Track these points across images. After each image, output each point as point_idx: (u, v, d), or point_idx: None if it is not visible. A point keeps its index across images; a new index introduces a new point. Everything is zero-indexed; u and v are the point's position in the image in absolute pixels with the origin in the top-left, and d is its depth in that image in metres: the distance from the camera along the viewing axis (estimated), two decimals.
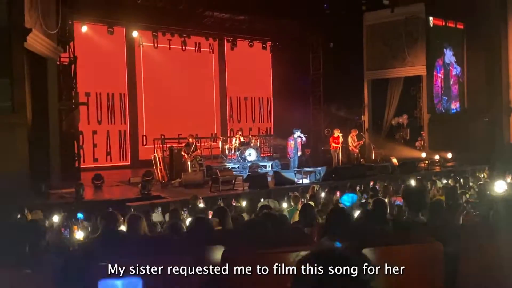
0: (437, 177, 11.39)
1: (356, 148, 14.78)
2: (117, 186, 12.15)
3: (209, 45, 18.12)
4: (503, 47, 18.44)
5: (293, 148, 13.89)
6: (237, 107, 19.34)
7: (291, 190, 10.03)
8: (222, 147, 15.37)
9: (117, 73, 16.12)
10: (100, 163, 15.51)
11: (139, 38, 16.16)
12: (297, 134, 13.96)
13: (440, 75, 16.97)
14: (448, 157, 15.25)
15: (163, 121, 16.39)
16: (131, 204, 9.04)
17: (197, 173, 12.22)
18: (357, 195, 7.01)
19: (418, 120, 16.88)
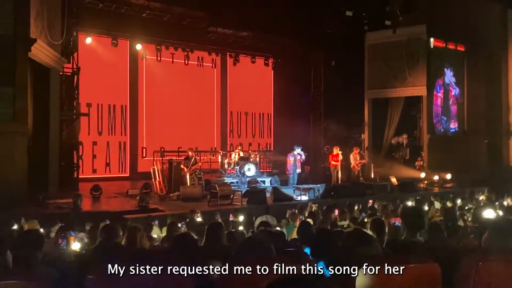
0: (436, 198, 11.36)
1: (357, 166, 14.79)
2: (115, 198, 12.09)
3: (212, 60, 18.29)
4: (504, 70, 18.60)
5: (292, 164, 13.92)
6: (237, 122, 19.41)
7: (290, 207, 9.99)
8: (221, 161, 15.38)
9: (119, 85, 16.22)
10: (99, 174, 15.50)
11: (142, 51, 16.31)
12: (297, 151, 14.01)
13: (440, 95, 17.07)
14: (447, 178, 15.24)
15: (163, 134, 16.43)
16: (129, 216, 8.99)
17: (195, 187, 12.19)
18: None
19: (418, 140, 16.92)
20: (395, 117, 17.06)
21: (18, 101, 9.61)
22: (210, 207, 10.48)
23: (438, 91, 16.99)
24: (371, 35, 16.94)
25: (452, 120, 17.69)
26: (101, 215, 8.70)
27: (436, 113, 16.91)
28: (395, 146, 17.25)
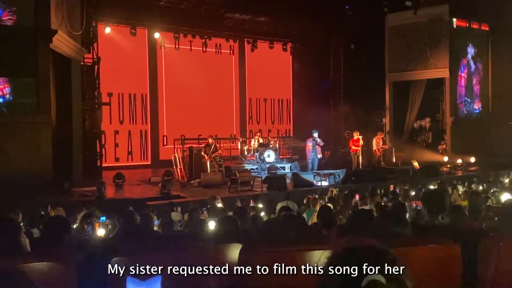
0: (459, 182, 11.17)
1: (379, 151, 14.64)
2: (137, 185, 12.32)
3: (230, 47, 18.24)
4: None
5: (311, 150, 13.78)
6: (256, 108, 19.39)
7: (310, 193, 9.99)
8: (241, 148, 15.44)
9: (139, 74, 16.38)
10: (121, 162, 15.77)
11: (161, 39, 16.39)
12: (315, 135, 13.87)
13: (464, 75, 16.67)
14: (471, 161, 14.96)
15: (183, 122, 16.56)
16: (151, 203, 9.16)
17: (216, 174, 12.31)
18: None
19: (441, 123, 16.61)
20: (417, 100, 16.76)
21: (41, 92, 9.83)
22: (231, 193, 10.57)
23: (462, 71, 16.58)
24: (391, 17, 16.59)
25: (476, 101, 17.27)
26: (125, 202, 8.91)
27: (460, 94, 16.54)
28: (417, 130, 16.98)
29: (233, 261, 2.24)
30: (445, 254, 2.09)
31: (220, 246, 2.41)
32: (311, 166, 13.68)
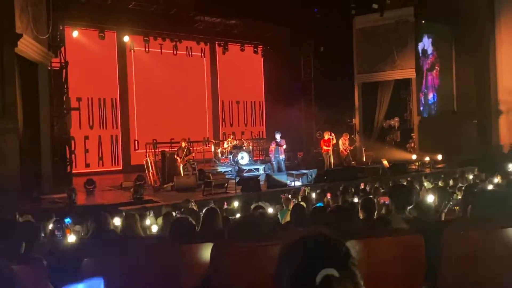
0: (427, 179, 11.51)
1: (345, 151, 14.91)
2: (109, 191, 12.14)
3: (201, 49, 18.21)
4: (491, 50, 18.72)
5: (274, 151, 13.93)
6: (229, 111, 19.42)
7: (283, 193, 10.09)
8: (214, 150, 15.42)
9: (109, 78, 16.15)
10: (92, 168, 15.49)
11: (130, 42, 16.20)
12: (277, 136, 14.00)
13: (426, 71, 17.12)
14: (438, 158, 15.42)
15: (155, 126, 16.41)
16: (123, 208, 9.05)
17: (189, 177, 12.26)
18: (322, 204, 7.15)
19: (409, 122, 17.06)
20: (385, 100, 17.17)
21: (6, 98, 9.56)
22: (205, 196, 10.56)
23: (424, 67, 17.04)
24: (359, 19, 16.95)
25: (433, 93, 17.70)
26: (96, 208, 8.77)
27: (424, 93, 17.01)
28: (386, 129, 17.39)
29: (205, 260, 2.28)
30: (409, 244, 2.19)
31: (191, 246, 2.44)
32: (276, 168, 13.77)
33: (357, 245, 2.02)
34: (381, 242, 2.12)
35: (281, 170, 13.58)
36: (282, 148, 14.00)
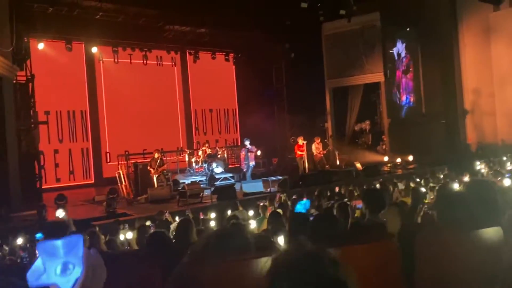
0: (399, 180, 11.72)
1: (320, 155, 15.06)
2: (81, 206, 11.85)
3: (171, 58, 18.08)
4: (455, 52, 19.32)
5: (245, 158, 13.87)
6: (202, 119, 19.32)
7: (259, 200, 10.08)
8: (188, 160, 15.29)
9: (77, 90, 15.82)
10: (63, 183, 15.10)
11: (98, 53, 15.94)
12: (247, 143, 13.96)
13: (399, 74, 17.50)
14: (409, 159, 15.75)
15: (127, 137, 16.15)
16: (96, 223, 8.84)
17: (163, 188, 12.10)
18: (309, 200, 7.16)
19: (379, 125, 17.38)
20: (356, 104, 17.45)
21: None
22: (180, 207, 10.43)
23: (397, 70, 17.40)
24: (327, 25, 17.20)
25: (411, 95, 18.12)
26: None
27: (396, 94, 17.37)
28: (358, 133, 17.66)
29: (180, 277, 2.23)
30: (383, 250, 2.21)
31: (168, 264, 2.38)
32: (248, 174, 13.72)
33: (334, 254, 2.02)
34: (357, 250, 2.13)
35: (249, 177, 13.50)
36: (253, 154, 13.96)
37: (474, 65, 19.02)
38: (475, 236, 2.23)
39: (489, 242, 2.22)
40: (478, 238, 2.24)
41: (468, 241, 2.25)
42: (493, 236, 2.24)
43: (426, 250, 2.23)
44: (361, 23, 16.46)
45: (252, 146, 14.00)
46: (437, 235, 2.24)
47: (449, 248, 2.19)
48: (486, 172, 11.18)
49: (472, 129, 19.21)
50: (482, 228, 2.28)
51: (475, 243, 2.20)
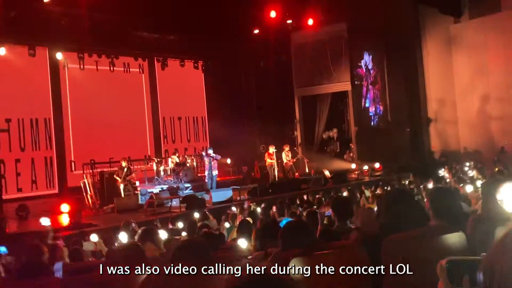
0: (366, 187, 11.94)
1: (290, 163, 15.17)
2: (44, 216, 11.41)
3: (139, 65, 17.82)
4: (419, 62, 19.96)
5: (208, 167, 13.62)
6: (171, 127, 19.09)
7: (229, 208, 10.03)
8: (157, 169, 15.06)
9: (41, 97, 15.33)
10: (24, 193, 14.53)
11: (63, 59, 15.53)
12: (210, 151, 13.72)
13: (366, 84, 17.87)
14: (376, 166, 16.08)
15: (92, 145, 15.74)
16: (60, 234, 8.55)
17: (130, 198, 11.87)
18: (289, 219, 7.16)
19: (347, 133, 17.69)
20: (324, 112, 17.72)
21: None
22: (148, 216, 10.24)
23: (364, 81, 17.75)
24: (296, 35, 17.44)
25: (378, 104, 18.47)
26: (29, 235, 8.22)
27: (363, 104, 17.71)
28: (326, 140, 17.92)
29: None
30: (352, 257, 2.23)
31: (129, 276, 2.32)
32: (209, 183, 13.49)
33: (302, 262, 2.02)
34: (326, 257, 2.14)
35: (213, 186, 13.30)
36: (216, 163, 13.72)
37: (437, 75, 19.71)
38: (439, 242, 2.28)
39: (453, 248, 2.28)
40: (442, 244, 2.29)
41: (432, 247, 2.29)
42: (456, 242, 2.30)
43: (392, 256, 2.26)
44: (329, 33, 16.77)
45: (216, 154, 13.81)
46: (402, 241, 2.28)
47: (414, 254, 2.23)
48: (449, 178, 11.55)
49: (436, 137, 19.84)
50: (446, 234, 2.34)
51: (439, 249, 2.24)
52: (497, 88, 17.70)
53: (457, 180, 10.70)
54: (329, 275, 2.06)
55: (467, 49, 18.46)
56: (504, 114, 17.64)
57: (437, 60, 19.67)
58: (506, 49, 17.28)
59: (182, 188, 13.61)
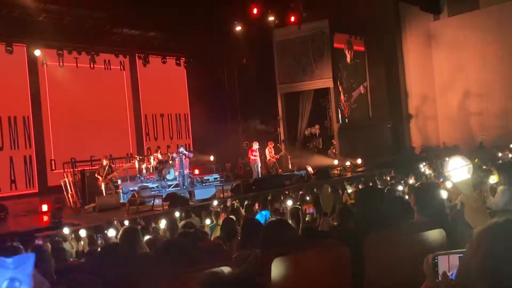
0: (348, 182, 12.03)
1: (273, 159, 15.19)
2: (24, 216, 11.23)
3: (120, 62, 17.59)
4: (399, 59, 20.21)
5: (179, 165, 13.20)
6: (153, 124, 18.92)
7: (212, 206, 10.00)
8: (139, 167, 14.91)
9: (19, 94, 15.02)
10: (3, 192, 14.24)
11: (42, 56, 15.23)
12: (181, 149, 13.32)
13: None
14: (358, 163, 16.22)
15: (73, 144, 15.49)
16: (40, 234, 8.41)
17: (112, 196, 11.73)
18: (269, 211, 7.18)
19: (329, 129, 17.79)
20: (307, 109, 17.77)
21: None
22: (130, 215, 10.13)
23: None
24: (278, 32, 17.42)
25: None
26: (9, 236, 8.06)
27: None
28: (308, 137, 17.99)
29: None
30: (335, 255, 2.24)
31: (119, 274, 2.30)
32: (182, 182, 13.10)
33: (284, 262, 2.03)
34: (308, 256, 2.14)
35: (185, 185, 12.92)
36: (187, 161, 13.32)
37: (417, 71, 19.98)
38: (420, 239, 2.31)
39: (433, 244, 2.31)
40: (423, 241, 2.32)
41: (413, 244, 2.32)
42: (437, 238, 2.34)
43: (374, 253, 2.28)
44: (311, 29, 16.80)
45: (189, 152, 13.52)
46: (384, 238, 2.30)
47: (396, 251, 2.26)
48: (429, 173, 11.72)
49: (416, 132, 20.14)
50: (426, 231, 2.37)
51: (420, 245, 2.28)
52: (476, 84, 18.06)
53: (437, 175, 10.88)
54: (311, 274, 2.07)
55: (447, 45, 18.76)
56: (483, 110, 18.01)
57: (417, 56, 19.94)
58: (484, 45, 17.62)
59: (165, 186, 13.50)
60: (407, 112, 20.29)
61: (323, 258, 2.22)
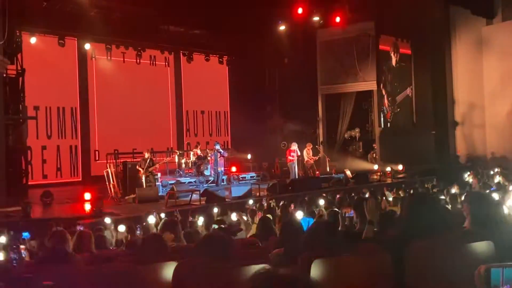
0: (388, 189, 11.75)
1: (311, 161, 15.06)
2: (67, 203, 11.68)
3: (165, 59, 17.98)
4: (447, 64, 19.53)
5: (214, 163, 13.36)
6: (194, 120, 19.22)
7: (248, 204, 10.02)
8: (178, 161, 15.18)
9: (68, 86, 15.64)
10: (49, 179, 14.87)
11: (91, 50, 15.80)
12: (217, 147, 13.50)
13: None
14: (399, 169, 15.82)
15: (117, 136, 15.99)
16: (82, 222, 8.71)
17: (152, 188, 11.99)
18: (313, 219, 7.10)
19: (370, 133, 17.44)
20: (348, 111, 17.50)
21: None
22: (168, 208, 10.32)
23: None
24: (322, 32, 17.25)
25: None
26: (53, 221, 8.39)
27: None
28: (348, 140, 17.71)
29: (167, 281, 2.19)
30: (375, 261, 2.18)
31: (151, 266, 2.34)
32: (215, 179, 13.26)
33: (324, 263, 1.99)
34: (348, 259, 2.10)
35: (219, 182, 13.09)
36: (223, 159, 13.48)
37: (465, 77, 19.23)
38: (467, 250, 2.22)
39: (480, 257, 2.21)
40: (470, 252, 2.22)
41: (459, 255, 2.23)
42: (485, 250, 2.23)
43: (417, 261, 2.21)
44: (356, 31, 16.53)
45: (224, 151, 13.69)
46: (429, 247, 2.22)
47: (441, 261, 2.18)
48: (474, 184, 11.26)
49: (462, 140, 19.39)
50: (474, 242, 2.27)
51: (467, 256, 2.18)
52: None
53: (483, 186, 10.44)
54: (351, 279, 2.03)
55: (499, 51, 17.94)
56: None
57: (467, 62, 19.18)
58: None
59: (202, 181, 13.68)
60: (452, 120, 19.58)
61: (363, 263, 2.17)
